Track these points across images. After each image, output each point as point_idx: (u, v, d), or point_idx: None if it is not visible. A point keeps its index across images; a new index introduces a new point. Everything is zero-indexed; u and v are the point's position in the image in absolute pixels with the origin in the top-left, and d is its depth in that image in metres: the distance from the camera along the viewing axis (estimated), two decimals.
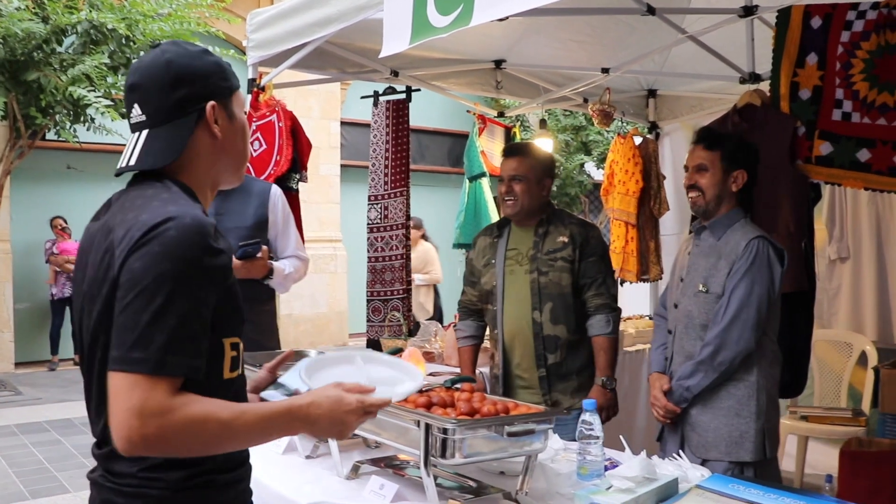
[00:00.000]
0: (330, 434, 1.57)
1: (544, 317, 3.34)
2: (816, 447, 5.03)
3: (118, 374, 1.34)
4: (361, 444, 2.63)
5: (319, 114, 12.47)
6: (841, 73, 3.22)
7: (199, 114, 1.56)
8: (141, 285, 1.36)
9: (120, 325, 1.36)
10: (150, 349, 1.33)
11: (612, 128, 5.69)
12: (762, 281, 2.85)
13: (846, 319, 5.46)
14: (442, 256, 9.91)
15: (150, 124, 1.55)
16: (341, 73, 4.82)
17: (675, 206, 5.67)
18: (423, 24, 2.27)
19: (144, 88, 1.55)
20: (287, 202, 3.74)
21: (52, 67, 8.01)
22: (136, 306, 1.35)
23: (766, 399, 2.92)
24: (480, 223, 5.84)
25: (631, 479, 1.99)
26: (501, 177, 3.45)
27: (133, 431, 1.31)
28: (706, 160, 2.97)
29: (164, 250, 1.38)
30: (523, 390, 3.41)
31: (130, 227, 1.43)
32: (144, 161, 1.54)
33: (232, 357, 1.52)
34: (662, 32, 4.36)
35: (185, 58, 1.57)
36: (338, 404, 1.53)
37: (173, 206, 1.45)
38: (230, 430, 1.39)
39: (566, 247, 3.35)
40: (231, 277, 1.52)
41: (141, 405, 1.31)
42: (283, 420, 1.49)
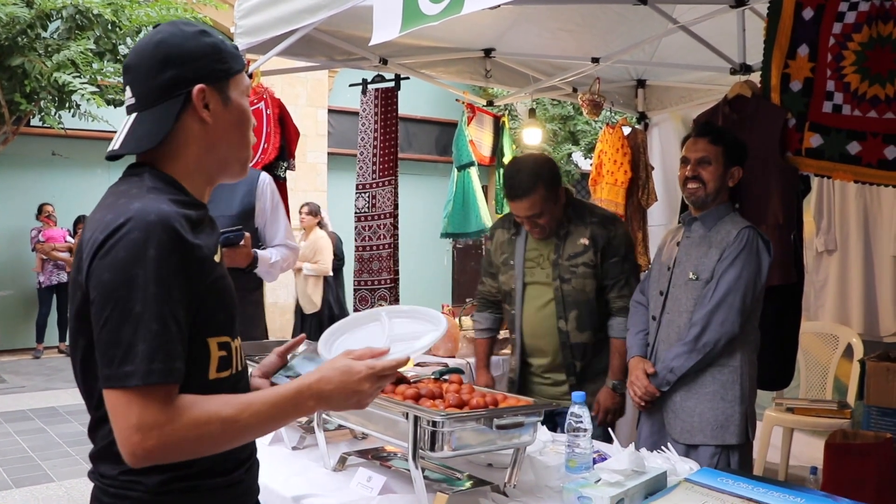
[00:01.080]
0: (347, 407, 1.53)
1: (570, 325, 3.29)
2: (801, 439, 5.06)
3: (113, 392, 1.31)
4: (349, 435, 2.61)
5: (307, 101, 12.40)
6: (832, 64, 3.21)
7: (186, 97, 1.48)
8: (115, 297, 1.31)
9: (105, 342, 1.33)
10: (136, 361, 1.29)
11: (601, 118, 5.67)
12: (750, 268, 2.89)
13: (832, 312, 5.47)
14: (428, 245, 9.91)
15: (139, 107, 1.49)
16: (330, 60, 4.78)
17: (662, 197, 5.66)
18: (414, 11, 2.25)
19: (135, 69, 1.50)
20: (277, 190, 3.70)
21: (37, 53, 7.92)
22: (116, 320, 1.31)
23: (749, 384, 2.97)
24: (469, 212, 5.83)
25: (619, 473, 1.98)
26: (517, 214, 3.31)
27: (136, 447, 1.30)
28: (710, 154, 2.99)
29: (130, 254, 1.32)
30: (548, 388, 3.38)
31: (95, 229, 1.38)
32: (127, 145, 1.48)
33: (220, 357, 1.48)
34: (653, 22, 4.35)
35: (178, 38, 1.49)
36: (347, 375, 1.49)
37: (137, 202, 1.38)
38: (237, 424, 1.37)
39: (587, 250, 3.27)
40: (215, 272, 1.46)
41: (138, 420, 1.29)
42: (293, 402, 1.45)
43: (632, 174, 5.51)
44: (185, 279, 1.37)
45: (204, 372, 1.45)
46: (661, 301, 3.08)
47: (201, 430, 1.33)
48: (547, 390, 3.37)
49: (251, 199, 3.53)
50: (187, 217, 1.41)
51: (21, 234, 10.90)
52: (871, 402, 4.58)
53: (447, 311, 5.10)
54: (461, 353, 4.52)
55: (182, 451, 1.34)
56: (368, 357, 1.53)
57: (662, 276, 3.11)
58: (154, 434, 1.29)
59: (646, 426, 3.09)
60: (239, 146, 1.59)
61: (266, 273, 3.55)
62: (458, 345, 4.53)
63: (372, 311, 1.84)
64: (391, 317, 1.80)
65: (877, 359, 4.68)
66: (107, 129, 9.52)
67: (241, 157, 1.62)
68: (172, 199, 1.43)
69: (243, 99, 1.57)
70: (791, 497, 1.89)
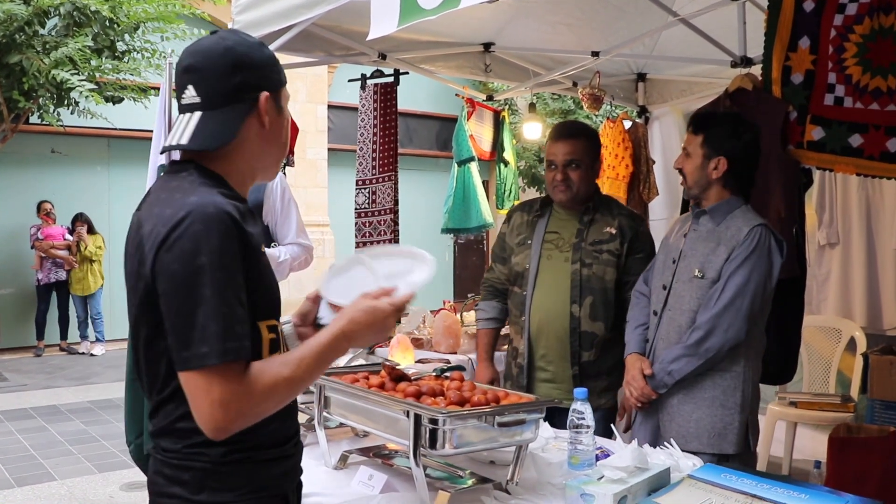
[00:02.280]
0: (373, 341, 1.67)
1: (583, 312, 3.21)
2: (805, 433, 5.04)
3: (192, 374, 1.42)
4: (349, 433, 2.60)
5: (306, 97, 12.38)
6: (833, 57, 3.18)
7: (252, 102, 1.60)
8: (185, 285, 1.42)
9: (179, 327, 1.43)
10: (211, 341, 1.40)
11: (601, 112, 5.65)
12: (760, 270, 2.76)
13: (835, 305, 5.46)
14: (429, 241, 9.86)
15: (205, 106, 1.58)
16: (328, 55, 4.76)
17: (664, 191, 5.64)
18: (412, 5, 2.22)
19: (202, 71, 1.58)
20: (289, 188, 3.67)
21: (35, 50, 7.90)
22: (188, 307, 1.42)
23: (752, 391, 2.86)
24: (469, 208, 5.81)
25: (622, 469, 1.97)
26: (552, 161, 3.27)
27: (220, 423, 1.42)
28: (689, 144, 2.89)
29: (196, 245, 1.43)
30: (545, 384, 3.29)
31: (156, 223, 1.48)
32: (197, 141, 1.57)
33: (271, 340, 1.58)
34: (653, 15, 4.33)
35: (244, 46, 1.60)
36: (374, 314, 1.61)
37: (194, 197, 1.48)
38: (296, 380, 1.50)
39: (613, 239, 3.23)
40: (263, 259, 1.58)
41: (221, 397, 1.41)
42: (332, 347, 1.57)
43: (633, 168, 5.49)
44: (244, 264, 1.49)
45: (258, 355, 1.54)
46: (664, 296, 2.97)
47: (272, 394, 1.47)
48: (545, 387, 3.29)
49: (258, 195, 3.51)
50: (237, 209, 1.52)
51: (20, 232, 10.89)
52: (875, 395, 4.56)
53: (449, 307, 5.08)
54: (462, 349, 4.50)
55: (258, 414, 1.47)
56: (383, 295, 1.65)
57: (667, 269, 2.99)
58: (234, 408, 1.42)
59: (642, 427, 2.99)
60: (281, 151, 1.73)
61: (274, 271, 3.53)
62: (459, 341, 4.52)
63: (352, 256, 1.92)
64: (373, 258, 1.87)
65: (880, 352, 4.66)
66: (105, 126, 9.51)
67: (279, 162, 1.76)
68: (222, 193, 1.53)
69: (287, 108, 1.72)
70: (795, 493, 1.88)
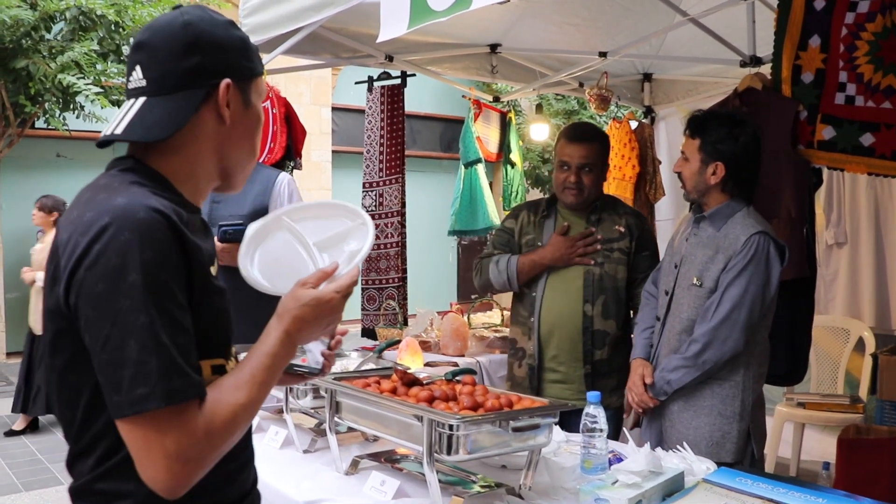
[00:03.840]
0: (319, 335, 1.45)
1: (596, 311, 3.22)
2: (813, 434, 5.02)
3: (134, 420, 1.16)
4: (359, 437, 2.58)
5: (310, 99, 12.38)
6: (845, 55, 3.16)
7: (209, 90, 1.34)
8: (114, 310, 1.16)
9: (109, 364, 1.17)
10: (151, 380, 1.15)
11: (606, 112, 5.63)
12: (758, 280, 2.72)
13: (843, 305, 5.43)
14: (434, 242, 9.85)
15: (151, 91, 1.32)
16: (335, 58, 4.75)
17: (670, 192, 5.63)
18: (422, 7, 2.22)
19: (152, 48, 1.32)
20: (298, 191, 3.62)
21: (41, 55, 7.89)
22: (118, 336, 1.15)
23: (752, 399, 2.83)
24: (476, 210, 5.80)
25: (636, 474, 1.95)
26: (566, 162, 3.27)
27: (179, 477, 1.18)
28: (687, 149, 2.88)
29: (123, 260, 1.16)
30: (555, 385, 3.28)
31: (73, 231, 1.22)
32: (133, 131, 1.30)
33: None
34: (660, 14, 4.32)
35: (207, 24, 1.34)
36: (319, 307, 1.37)
37: (120, 199, 1.22)
38: (254, 402, 1.28)
39: (623, 237, 3.25)
40: (212, 282, 1.33)
41: (177, 447, 1.17)
42: (281, 353, 1.33)
43: (639, 168, 5.47)
44: (185, 282, 1.24)
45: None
46: (667, 302, 2.96)
47: (231, 428, 1.25)
48: (556, 388, 3.27)
49: (264, 198, 3.44)
50: (178, 214, 1.26)
51: (28, 236, 10.88)
52: (884, 396, 4.54)
53: (456, 310, 5.07)
54: (470, 351, 4.48)
55: (219, 455, 1.25)
56: (324, 280, 1.41)
57: (670, 274, 2.98)
58: (194, 455, 1.19)
59: (647, 431, 2.99)
60: (248, 157, 1.46)
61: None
62: (467, 343, 4.50)
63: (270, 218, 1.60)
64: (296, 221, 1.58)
65: (889, 352, 4.64)
66: None
67: (246, 170, 1.48)
68: (158, 195, 1.28)
69: (260, 104, 1.46)
70: (812, 497, 1.86)
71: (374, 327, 5.36)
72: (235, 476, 1.42)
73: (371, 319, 5.53)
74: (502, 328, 4.89)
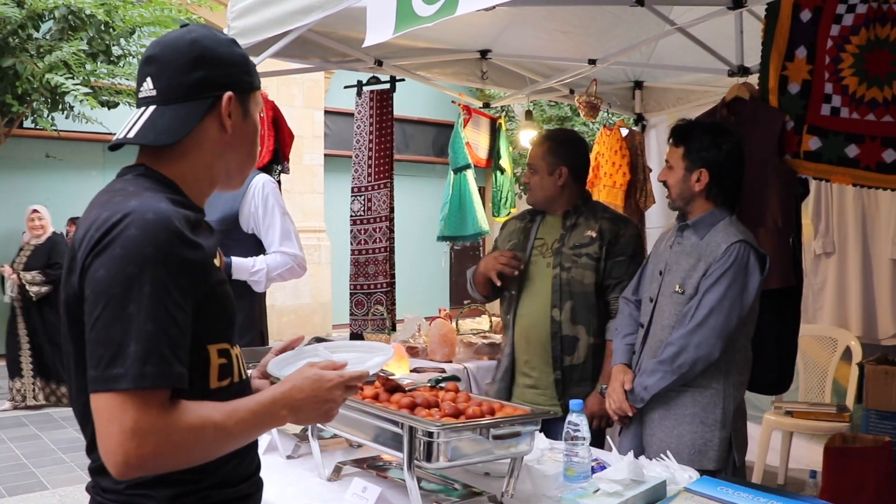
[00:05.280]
0: (317, 418, 1.51)
1: (564, 315, 3.21)
2: (800, 442, 5.03)
3: (102, 396, 1.25)
4: (343, 443, 2.58)
5: (303, 102, 12.38)
6: (830, 67, 3.17)
7: (213, 101, 1.48)
8: (108, 294, 1.27)
9: (93, 342, 1.27)
10: (128, 362, 1.24)
11: (598, 119, 5.64)
12: (736, 287, 2.74)
13: (831, 314, 5.44)
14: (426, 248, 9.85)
15: (160, 101, 1.46)
16: (324, 62, 4.75)
17: (660, 199, 5.62)
18: (408, 13, 2.21)
19: (162, 62, 1.47)
20: (278, 194, 3.62)
21: (29, 54, 7.87)
22: (106, 318, 1.26)
23: (733, 407, 2.84)
24: (465, 215, 5.80)
25: (618, 482, 1.95)
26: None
27: (130, 454, 1.23)
28: (671, 157, 2.91)
29: (126, 252, 1.28)
30: (528, 390, 3.29)
31: (90, 227, 1.35)
32: (144, 136, 1.44)
33: (220, 365, 1.45)
34: (649, 23, 4.32)
35: (212, 41, 1.49)
36: (319, 383, 1.47)
37: (135, 200, 1.35)
38: (226, 431, 1.34)
39: (593, 242, 3.23)
40: (215, 275, 1.44)
41: (134, 425, 1.23)
42: (269, 411, 1.42)
43: (630, 176, 5.48)
44: (187, 280, 1.33)
45: (205, 380, 1.42)
46: (650, 309, 2.97)
47: (196, 437, 1.30)
48: (529, 393, 3.28)
49: (234, 203, 3.43)
50: (185, 217, 1.38)
51: (15, 238, 10.84)
52: (870, 405, 4.55)
53: (444, 315, 5.06)
54: (458, 357, 4.48)
55: (176, 458, 1.30)
56: (332, 369, 1.51)
57: (654, 282, 2.99)
58: (151, 440, 1.24)
59: (626, 438, 2.98)
60: (246, 161, 1.60)
61: (252, 283, 3.47)
62: (454, 349, 4.50)
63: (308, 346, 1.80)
64: (330, 349, 1.77)
65: (875, 362, 4.66)
66: (101, 131, 9.48)
67: (244, 172, 1.62)
68: (170, 199, 1.40)
69: (257, 114, 1.59)
70: None
71: (362, 332, 5.36)
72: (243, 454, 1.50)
73: (359, 324, 5.53)
74: (491, 334, 4.89)
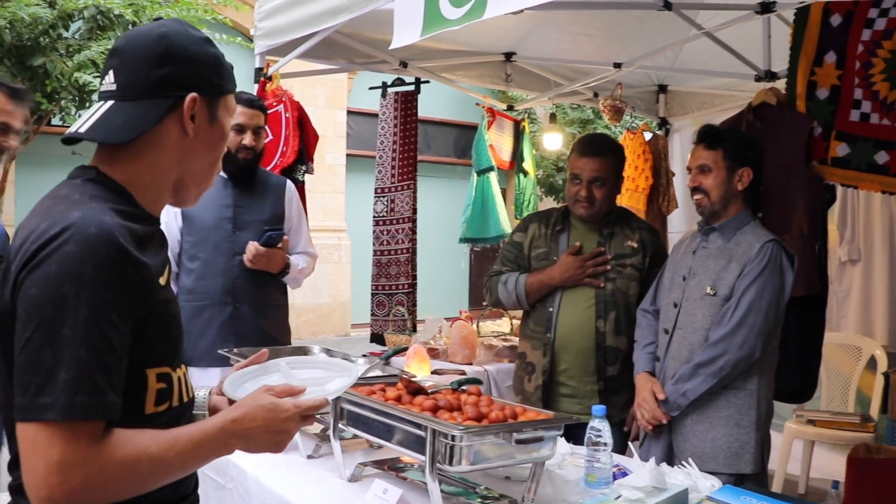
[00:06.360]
0: (266, 448, 1.41)
1: (608, 326, 3.19)
2: (822, 452, 4.98)
3: (29, 426, 1.16)
4: (364, 444, 2.58)
5: (326, 102, 12.40)
6: (861, 72, 3.15)
7: (175, 101, 1.38)
8: (40, 316, 1.18)
9: (22, 365, 1.18)
10: (57, 391, 1.15)
11: (621, 123, 5.62)
12: (773, 286, 2.74)
13: (856, 323, 5.39)
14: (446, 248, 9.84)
15: (119, 96, 1.37)
16: (349, 63, 4.76)
17: (683, 204, 5.60)
18: (436, 15, 2.22)
19: (126, 55, 1.37)
20: (301, 197, 3.72)
21: (58, 53, 7.94)
22: (37, 341, 1.17)
23: (766, 408, 2.83)
24: (488, 217, 5.79)
25: (640, 489, 1.94)
26: (577, 175, 3.24)
27: (54, 490, 1.15)
28: (708, 160, 2.87)
29: (63, 270, 1.18)
30: (566, 399, 3.25)
31: (27, 238, 1.24)
32: (95, 132, 1.35)
33: (159, 390, 1.34)
34: (675, 27, 4.30)
35: (182, 38, 1.39)
36: (274, 413, 1.38)
37: (77, 211, 1.24)
38: (163, 464, 1.26)
39: (636, 253, 3.22)
40: (159, 295, 1.34)
41: (61, 459, 1.15)
42: (217, 441, 1.34)
43: (653, 180, 5.45)
44: (128, 301, 1.24)
45: (139, 405, 1.32)
46: (675, 314, 2.94)
47: (130, 472, 1.22)
48: (566, 402, 3.24)
49: (280, 205, 3.53)
50: (132, 231, 1.29)
51: None
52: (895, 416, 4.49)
53: (465, 317, 5.06)
54: (478, 360, 4.47)
55: (107, 493, 1.22)
56: (288, 395, 1.43)
57: (676, 287, 2.97)
58: (78, 475, 1.16)
59: (653, 448, 2.94)
60: (207, 171, 1.49)
61: (293, 280, 3.55)
62: (475, 351, 4.49)
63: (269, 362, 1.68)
64: (292, 366, 1.67)
65: None
66: None
67: (203, 184, 1.51)
68: (117, 210, 1.30)
69: (227, 121, 1.49)
70: None
71: (382, 333, 5.37)
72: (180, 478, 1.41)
73: (380, 325, 5.54)
74: (511, 337, 4.88)
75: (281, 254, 3.37)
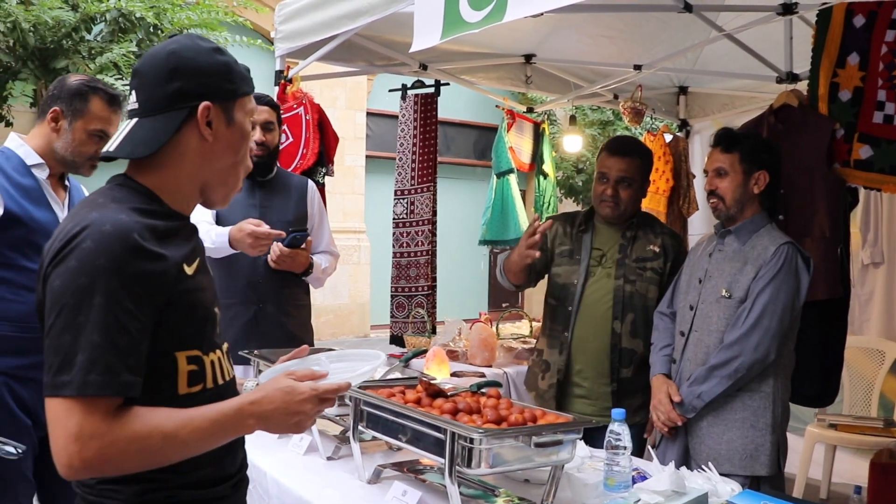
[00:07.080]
0: (286, 429, 1.49)
1: (624, 328, 3.19)
2: (844, 457, 4.93)
3: (52, 401, 1.31)
4: (383, 446, 2.59)
5: (345, 104, 12.43)
6: (884, 73, 3.12)
7: (190, 111, 1.49)
8: (60, 304, 1.32)
9: (47, 348, 1.33)
10: (73, 370, 1.29)
11: (640, 125, 5.60)
12: (788, 289, 2.74)
13: (878, 326, 5.34)
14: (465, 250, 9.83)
15: (140, 113, 1.50)
16: (369, 65, 4.78)
17: (703, 206, 5.56)
18: (456, 18, 2.22)
19: (143, 75, 1.50)
20: (321, 198, 3.74)
21: (81, 55, 8.01)
22: (59, 327, 1.32)
23: (781, 410, 2.83)
24: (507, 220, 5.78)
25: (660, 493, 1.94)
26: (604, 174, 3.25)
27: (73, 457, 1.29)
28: (724, 163, 2.86)
29: (80, 264, 1.33)
30: (580, 400, 3.25)
31: (57, 237, 1.40)
32: (122, 148, 1.48)
33: (190, 372, 1.47)
34: (696, 29, 4.29)
35: (191, 51, 1.50)
36: (290, 395, 1.46)
37: (97, 212, 1.38)
38: (177, 440, 1.36)
39: (657, 257, 3.22)
40: (183, 284, 1.44)
41: (77, 430, 1.29)
42: (233, 420, 1.42)
43: (673, 182, 5.43)
44: (143, 290, 1.36)
45: (171, 386, 1.45)
46: (691, 317, 2.94)
47: (142, 444, 1.33)
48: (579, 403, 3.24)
49: (303, 205, 3.57)
50: (152, 227, 1.41)
51: None
52: None
53: (485, 319, 5.06)
54: (498, 362, 4.47)
55: (122, 463, 1.34)
56: (309, 379, 1.51)
57: (692, 290, 2.97)
58: (93, 444, 1.29)
59: (669, 449, 2.94)
60: (231, 170, 1.58)
61: (316, 279, 3.57)
62: (495, 353, 4.48)
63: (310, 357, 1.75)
64: (330, 359, 1.73)
65: None
66: None
67: (230, 184, 1.60)
68: (138, 209, 1.43)
69: (246, 122, 1.58)
70: None
71: (402, 335, 5.37)
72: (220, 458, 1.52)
73: (400, 327, 5.54)
74: (531, 339, 4.87)
75: (305, 254, 3.40)
